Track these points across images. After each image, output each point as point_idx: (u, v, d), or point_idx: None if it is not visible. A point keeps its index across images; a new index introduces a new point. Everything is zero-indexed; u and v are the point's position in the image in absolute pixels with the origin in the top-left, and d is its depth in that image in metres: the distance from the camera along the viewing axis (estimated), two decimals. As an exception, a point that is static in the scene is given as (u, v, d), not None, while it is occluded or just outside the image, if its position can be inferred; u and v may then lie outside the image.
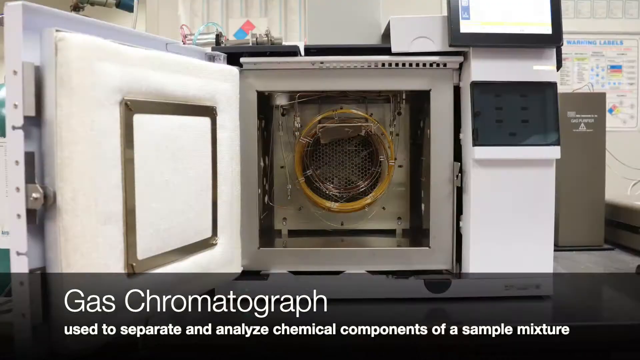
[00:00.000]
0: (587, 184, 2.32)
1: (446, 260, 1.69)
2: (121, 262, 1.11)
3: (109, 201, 1.07)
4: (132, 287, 1.14)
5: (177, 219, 1.28)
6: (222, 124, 1.45)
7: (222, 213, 1.46)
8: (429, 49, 1.63)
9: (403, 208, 2.10)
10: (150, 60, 1.19)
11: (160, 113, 1.22)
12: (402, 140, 2.05)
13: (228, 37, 1.70)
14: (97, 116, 1.03)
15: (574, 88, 3.26)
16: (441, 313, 1.57)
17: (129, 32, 1.25)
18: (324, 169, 2.04)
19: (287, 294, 1.65)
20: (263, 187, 1.87)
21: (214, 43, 1.67)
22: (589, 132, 2.30)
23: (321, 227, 2.04)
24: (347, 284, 1.66)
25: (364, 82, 1.66)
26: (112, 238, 1.08)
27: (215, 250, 1.44)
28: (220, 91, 1.44)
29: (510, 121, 1.59)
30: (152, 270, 1.21)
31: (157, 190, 1.21)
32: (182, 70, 1.30)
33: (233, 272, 1.54)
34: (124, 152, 1.11)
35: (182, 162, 1.29)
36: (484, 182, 1.60)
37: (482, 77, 1.59)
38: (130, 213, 1.13)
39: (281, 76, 1.66)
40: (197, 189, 1.35)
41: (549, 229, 1.64)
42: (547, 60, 1.61)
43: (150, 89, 1.18)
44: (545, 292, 1.65)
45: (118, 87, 1.09)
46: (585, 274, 1.94)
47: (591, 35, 3.38)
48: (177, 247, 1.29)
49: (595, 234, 2.34)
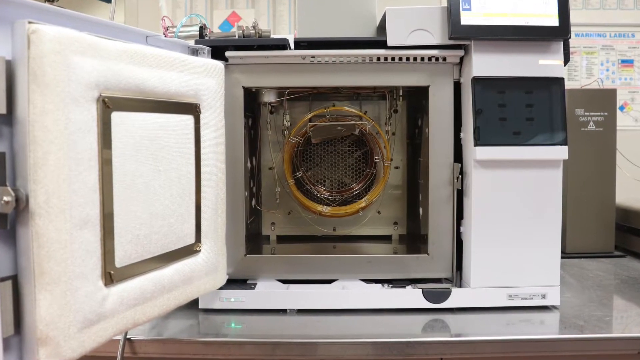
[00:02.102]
0: (596, 187, 2.33)
1: (446, 268, 1.70)
2: (98, 270, 1.11)
3: (85, 205, 1.06)
4: (109, 297, 1.14)
5: (158, 224, 1.28)
6: (206, 122, 1.45)
7: (206, 217, 1.46)
8: (428, 42, 1.63)
9: (400, 212, 2.11)
10: (129, 54, 1.19)
11: (140, 111, 1.23)
12: (398, 139, 2.06)
13: (212, 29, 1.70)
14: (72, 114, 1.03)
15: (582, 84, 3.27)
16: (440, 324, 1.58)
17: (107, 24, 1.25)
18: (315, 170, 2.05)
19: (275, 304, 1.66)
20: (250, 189, 1.88)
21: (198, 36, 1.67)
22: (599, 130, 2.31)
23: (312, 233, 2.05)
24: (340, 293, 1.66)
25: (358, 78, 1.67)
26: (88, 244, 1.08)
27: (199, 258, 1.44)
28: (204, 87, 1.44)
29: (514, 119, 1.60)
30: (131, 279, 1.20)
31: (136, 193, 1.21)
32: (164, 65, 1.30)
33: (218, 281, 1.54)
34: (102, 152, 1.11)
35: (163, 163, 1.29)
36: (486, 184, 1.61)
37: (484, 72, 1.60)
38: (107, 217, 1.13)
39: (269, 71, 1.66)
40: (179, 191, 1.35)
41: (556, 235, 1.65)
42: (554, 54, 1.62)
43: (130, 85, 1.19)
44: (551, 302, 1.66)
45: (95, 83, 1.09)
46: (595, 283, 1.95)
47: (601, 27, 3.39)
48: (158, 254, 1.29)
49: (605, 240, 2.36)
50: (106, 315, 1.13)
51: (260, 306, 1.66)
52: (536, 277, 1.65)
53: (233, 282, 1.68)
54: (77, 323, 1.05)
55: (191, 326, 1.56)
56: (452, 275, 1.70)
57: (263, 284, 1.71)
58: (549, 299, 1.66)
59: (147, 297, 1.25)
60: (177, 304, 1.36)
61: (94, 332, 1.10)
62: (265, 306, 1.66)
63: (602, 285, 1.92)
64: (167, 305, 1.32)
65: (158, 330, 1.53)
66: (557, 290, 1.66)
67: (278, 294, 1.66)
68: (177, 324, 1.58)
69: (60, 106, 1.01)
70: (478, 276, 1.64)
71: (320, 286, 1.69)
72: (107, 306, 1.13)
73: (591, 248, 2.34)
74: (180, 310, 1.62)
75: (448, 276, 1.71)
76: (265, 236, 2.10)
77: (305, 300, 1.66)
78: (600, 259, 2.30)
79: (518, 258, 1.64)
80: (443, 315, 1.63)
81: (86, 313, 1.07)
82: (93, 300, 1.09)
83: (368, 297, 1.67)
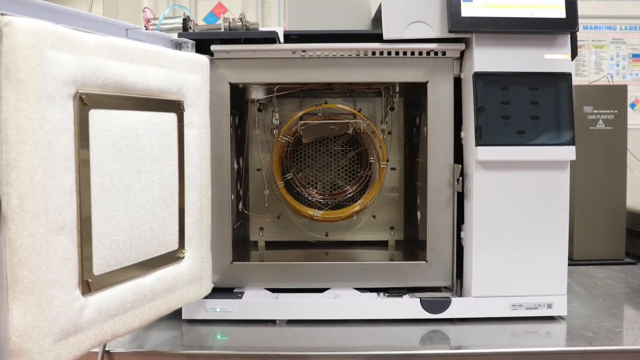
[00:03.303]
0: (605, 189, 2.34)
1: (445, 276, 1.71)
2: (75, 278, 1.11)
3: (61, 208, 1.07)
4: (87, 306, 1.14)
5: (139, 229, 1.28)
6: (190, 121, 1.46)
7: (190, 222, 1.47)
8: (426, 36, 1.64)
9: (396, 216, 2.12)
10: (108, 48, 1.20)
11: (120, 108, 1.23)
12: (395, 139, 2.07)
13: (197, 21, 1.70)
14: (47, 112, 1.04)
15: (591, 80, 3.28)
16: (440, 335, 1.58)
17: (84, 16, 1.26)
18: (306, 172, 2.06)
19: (264, 314, 1.66)
20: (237, 192, 1.88)
21: (181, 29, 1.67)
22: (608, 129, 2.32)
23: (303, 239, 2.06)
24: (333, 302, 1.67)
25: (352, 73, 1.67)
26: (64, 250, 1.08)
27: (182, 265, 1.45)
28: (188, 83, 1.45)
29: (518, 118, 1.61)
30: (110, 288, 1.21)
31: (116, 196, 1.22)
32: (145, 60, 1.30)
33: (202, 290, 1.55)
34: (79, 152, 1.12)
35: (144, 165, 1.30)
36: (489, 186, 1.62)
37: (487, 68, 1.61)
38: (85, 222, 1.14)
39: (257, 66, 1.67)
40: (161, 194, 1.36)
41: (563, 240, 1.66)
42: (561, 48, 1.63)
43: (109, 81, 1.19)
44: (558, 312, 1.67)
45: (72, 79, 1.09)
46: (604, 292, 1.96)
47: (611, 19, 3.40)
48: (139, 261, 1.29)
49: (615, 246, 2.36)
50: (83, 326, 1.13)
51: (248, 316, 1.66)
52: (542, 285, 1.66)
53: (219, 290, 1.68)
54: (52, 334, 1.06)
55: (174, 338, 1.57)
56: (452, 284, 1.70)
57: (251, 292, 1.71)
58: (556, 309, 1.67)
59: (127, 306, 1.25)
60: (159, 314, 1.37)
61: (71, 344, 1.10)
62: (253, 316, 1.66)
63: (611, 295, 1.93)
64: (149, 315, 1.33)
65: (139, 342, 1.53)
66: (564, 300, 1.67)
67: (267, 304, 1.67)
68: (159, 335, 1.58)
69: (34, 103, 1.01)
70: (480, 284, 1.65)
71: (311, 295, 1.70)
72: (85, 316, 1.13)
73: (600, 255, 2.35)
74: (162, 321, 1.62)
75: (448, 284, 1.71)
76: (253, 242, 2.11)
77: (296, 310, 1.67)
78: (609, 267, 2.31)
79: (522, 265, 1.65)
80: (442, 326, 1.64)
81: (62, 324, 1.08)
82: (70, 310, 1.10)
83: (362, 306, 1.67)
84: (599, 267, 2.29)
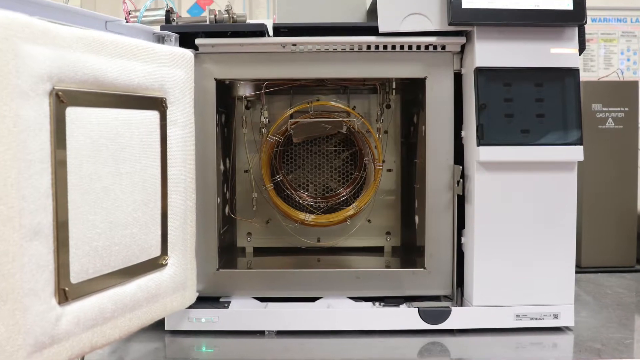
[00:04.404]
0: (616, 192, 2.35)
1: (445, 284, 1.71)
2: (51, 287, 1.11)
3: (36, 212, 1.07)
4: (64, 316, 1.14)
5: (119, 234, 1.29)
6: (173, 119, 1.46)
7: (173, 227, 1.47)
8: (424, 29, 1.65)
9: (393, 221, 2.13)
10: (86, 42, 1.20)
11: (99, 106, 1.23)
12: (391, 138, 2.08)
13: (180, 13, 1.71)
14: (21, 110, 1.04)
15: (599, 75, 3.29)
16: (439, 348, 1.59)
17: (61, 7, 1.26)
18: (296, 173, 2.06)
19: (252, 325, 1.67)
20: (223, 195, 1.89)
21: (164, 21, 1.68)
22: (618, 128, 2.33)
23: (293, 244, 2.06)
24: (325, 312, 1.67)
25: (346, 69, 1.68)
26: (39, 257, 1.08)
27: (165, 272, 1.45)
28: (171, 79, 1.45)
29: (523, 116, 1.62)
30: (88, 297, 1.21)
31: (94, 199, 1.22)
32: (125, 54, 1.31)
33: (186, 299, 1.55)
34: (55, 152, 1.12)
35: (124, 166, 1.30)
36: (491, 189, 1.63)
37: (489, 63, 1.62)
38: (62, 227, 1.14)
39: (245, 61, 1.67)
40: (143, 197, 1.36)
41: (570, 246, 1.67)
42: (568, 42, 1.64)
43: (87, 77, 1.19)
44: (565, 322, 1.68)
45: (47, 75, 1.10)
46: (614, 301, 1.96)
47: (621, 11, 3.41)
48: (119, 268, 1.30)
49: (626, 252, 2.37)
50: (60, 337, 1.13)
51: (235, 327, 1.66)
52: (548, 294, 1.67)
53: (204, 300, 1.68)
54: (27, 346, 1.06)
55: (156, 350, 1.57)
56: (452, 293, 1.71)
57: (238, 302, 1.72)
58: (562, 319, 1.68)
59: (107, 316, 1.26)
60: (141, 325, 1.37)
61: (47, 356, 1.10)
62: (240, 327, 1.66)
63: (622, 304, 1.94)
64: (129, 326, 1.33)
65: (119, 354, 1.53)
66: (572, 310, 1.68)
67: (255, 314, 1.67)
68: (141, 347, 1.58)
69: (7, 101, 1.01)
70: (481, 293, 1.66)
71: (302, 305, 1.70)
72: (62, 327, 1.14)
73: (610, 262, 2.36)
74: (144, 332, 1.63)
75: (447, 293, 1.72)
76: (240, 248, 2.12)
77: (286, 320, 1.67)
78: (620, 274, 2.32)
79: (527, 273, 1.65)
80: (442, 338, 1.64)
81: (37, 335, 1.08)
82: (45, 320, 1.10)
83: (357, 317, 1.68)
84: (609, 275, 2.30)
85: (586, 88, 2.31)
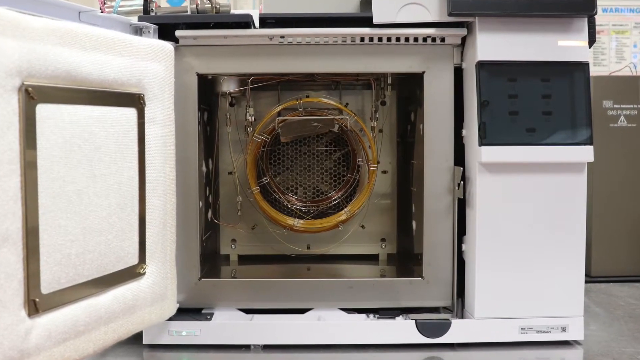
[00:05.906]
0: (628, 195, 2.36)
1: (444, 295, 1.72)
2: (20, 297, 1.12)
3: (3, 218, 1.07)
4: (34, 329, 1.14)
5: (93, 241, 1.29)
6: (152, 117, 1.47)
7: (151, 233, 1.48)
8: (422, 19, 1.66)
9: (388, 226, 2.14)
10: (58, 34, 1.20)
11: (72, 103, 1.24)
12: (386, 138, 2.09)
13: (160, 3, 1.71)
14: (-11, 106, 1.04)
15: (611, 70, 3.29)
16: (438, 363, 1.59)
17: (31, -4, 1.26)
18: (284, 175, 2.07)
19: (236, 339, 1.67)
20: (206, 199, 1.89)
21: (142, 11, 1.68)
22: (631, 127, 2.34)
23: (281, 252, 2.07)
24: (315, 325, 1.68)
25: (337, 63, 1.69)
26: (7, 265, 1.08)
27: (143, 282, 1.46)
28: (150, 74, 1.46)
29: (528, 113, 1.63)
30: (60, 308, 1.21)
31: (67, 204, 1.22)
32: (100, 47, 1.31)
33: (166, 310, 1.56)
34: (24, 153, 1.12)
35: (99, 167, 1.30)
36: (494, 192, 1.64)
37: (492, 56, 1.62)
38: (31, 233, 1.14)
39: (229, 54, 1.68)
40: (119, 201, 1.36)
41: (579, 254, 1.68)
42: (577, 34, 1.65)
43: (59, 72, 1.20)
44: (574, 336, 1.69)
45: (16, 69, 1.10)
46: (626, 313, 1.97)
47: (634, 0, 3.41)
48: (93, 278, 1.30)
49: (639, 261, 2.37)
50: (30, 352, 1.14)
51: (218, 341, 1.67)
52: (555, 306, 1.67)
53: (185, 311, 1.69)
54: (-6, 362, 1.06)
55: (133, 366, 1.57)
56: (452, 304, 1.72)
57: (221, 314, 1.72)
58: (571, 333, 1.68)
59: (80, 330, 1.26)
60: (117, 339, 1.37)
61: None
62: (224, 341, 1.67)
63: (634, 316, 1.95)
64: (104, 339, 1.33)
65: (93, 371, 1.54)
66: (581, 322, 1.69)
67: (240, 327, 1.67)
68: (116, 364, 1.58)
69: (-26, 97, 1.02)
70: (484, 305, 1.66)
71: (291, 317, 1.71)
72: (31, 341, 1.14)
73: (621, 271, 2.37)
74: (120, 346, 1.63)
75: (447, 304, 1.73)
76: (224, 256, 2.12)
77: (273, 333, 1.67)
78: (632, 284, 2.32)
79: (532, 283, 1.66)
80: (441, 352, 1.65)
81: (5, 350, 1.08)
82: (14, 333, 1.10)
83: (349, 329, 1.68)
84: (621, 285, 2.31)
85: (596, 83, 2.32)
